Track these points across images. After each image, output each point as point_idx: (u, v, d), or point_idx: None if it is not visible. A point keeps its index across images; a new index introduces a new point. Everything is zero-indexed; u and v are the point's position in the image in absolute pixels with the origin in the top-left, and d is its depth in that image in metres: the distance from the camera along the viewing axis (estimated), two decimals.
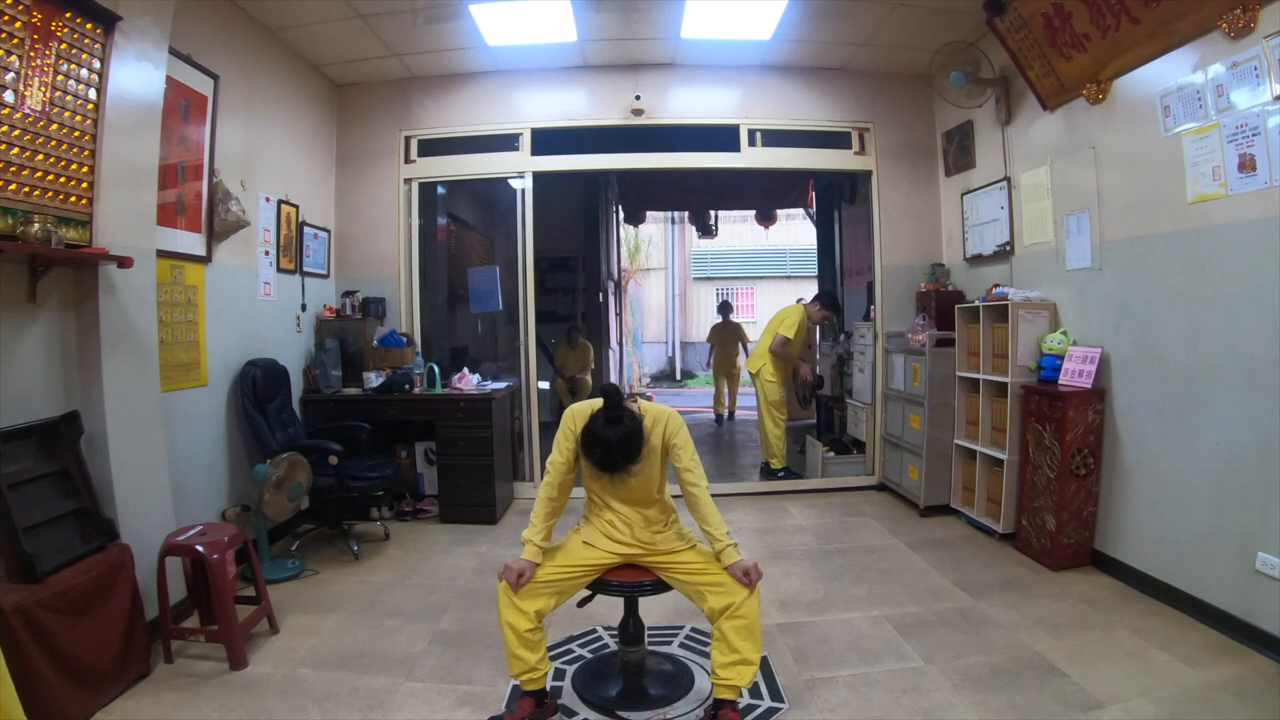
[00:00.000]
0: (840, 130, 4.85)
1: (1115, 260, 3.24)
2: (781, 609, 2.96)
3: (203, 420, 3.33)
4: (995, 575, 3.28)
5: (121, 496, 2.51)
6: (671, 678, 2.38)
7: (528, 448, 4.85)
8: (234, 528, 2.72)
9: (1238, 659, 2.43)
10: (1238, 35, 2.51)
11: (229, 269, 3.52)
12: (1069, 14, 3.21)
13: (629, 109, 4.65)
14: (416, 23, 4.03)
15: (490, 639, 2.64)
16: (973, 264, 4.48)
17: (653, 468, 2.14)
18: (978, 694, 2.26)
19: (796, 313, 5.11)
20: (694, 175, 5.59)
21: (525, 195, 4.76)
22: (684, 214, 11.91)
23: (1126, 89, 3.12)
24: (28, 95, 2.22)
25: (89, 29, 2.43)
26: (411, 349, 4.59)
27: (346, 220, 4.79)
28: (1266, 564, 2.44)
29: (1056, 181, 3.65)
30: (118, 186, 2.56)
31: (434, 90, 4.78)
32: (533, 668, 2.04)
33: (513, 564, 2.06)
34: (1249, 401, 2.54)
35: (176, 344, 3.10)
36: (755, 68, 4.75)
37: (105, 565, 2.28)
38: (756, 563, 2.06)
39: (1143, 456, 3.09)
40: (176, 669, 2.48)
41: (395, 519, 4.34)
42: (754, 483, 5.15)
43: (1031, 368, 3.63)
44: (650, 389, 13.64)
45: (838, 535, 3.98)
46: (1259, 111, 2.44)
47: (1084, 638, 2.62)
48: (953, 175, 4.69)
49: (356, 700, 2.28)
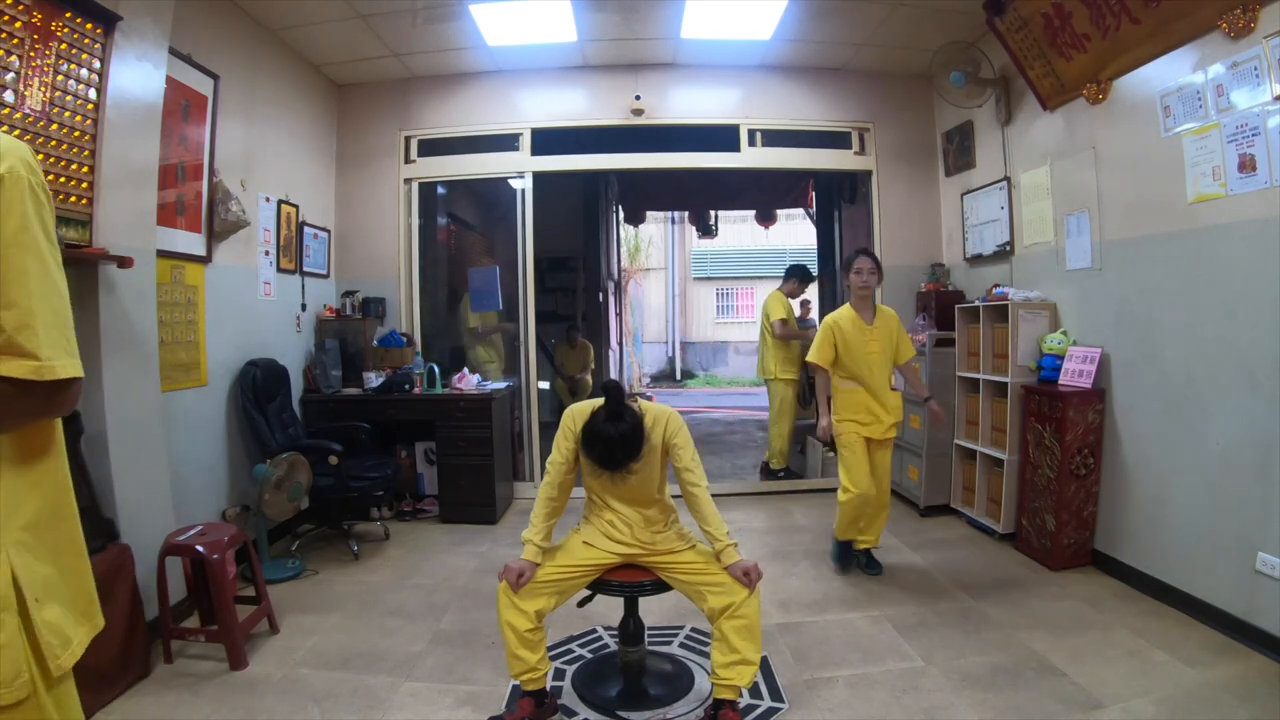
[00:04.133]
0: (840, 130, 4.85)
1: (1115, 260, 3.24)
2: (781, 609, 2.96)
3: (203, 420, 3.33)
4: (995, 575, 3.28)
5: (121, 496, 2.52)
6: (671, 678, 2.38)
7: (528, 448, 4.85)
8: (234, 528, 2.72)
9: (1238, 659, 2.43)
10: (1238, 35, 2.51)
11: (229, 269, 3.52)
12: (1069, 14, 3.21)
13: (629, 109, 4.65)
14: (416, 23, 4.03)
15: (490, 639, 2.64)
16: (973, 264, 4.48)
17: (653, 467, 2.14)
18: (978, 694, 2.26)
19: (776, 297, 5.19)
20: (694, 175, 5.58)
21: (525, 195, 4.76)
22: (684, 214, 11.91)
23: (1126, 89, 3.12)
24: (28, 95, 2.22)
25: (89, 29, 2.43)
26: (411, 349, 4.59)
27: (346, 220, 4.79)
28: (1266, 564, 2.44)
29: (1056, 181, 3.65)
30: (118, 186, 2.56)
31: (434, 90, 4.78)
32: (533, 668, 2.04)
33: (513, 564, 2.06)
34: (1249, 401, 2.54)
35: (176, 344, 3.10)
36: (755, 68, 4.75)
37: (105, 565, 2.28)
38: (756, 563, 2.06)
39: (1143, 456, 3.09)
40: (176, 669, 2.48)
41: (395, 519, 4.34)
42: (754, 483, 5.16)
43: (1031, 368, 3.63)
44: (650, 389, 13.64)
45: None
46: (1259, 111, 2.45)
47: (1084, 638, 2.62)
48: (953, 175, 4.69)
49: (356, 700, 2.28)
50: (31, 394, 0.89)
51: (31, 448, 0.96)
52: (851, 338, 3.23)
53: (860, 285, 3.27)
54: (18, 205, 0.87)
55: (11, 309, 0.86)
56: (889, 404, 3.26)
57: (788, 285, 5.26)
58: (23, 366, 0.87)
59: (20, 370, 0.87)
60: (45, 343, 0.89)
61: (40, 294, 0.89)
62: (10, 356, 0.87)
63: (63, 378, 0.91)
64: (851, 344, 3.22)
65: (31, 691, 0.92)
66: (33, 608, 0.93)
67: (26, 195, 0.89)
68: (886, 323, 3.31)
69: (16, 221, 0.87)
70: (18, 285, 0.87)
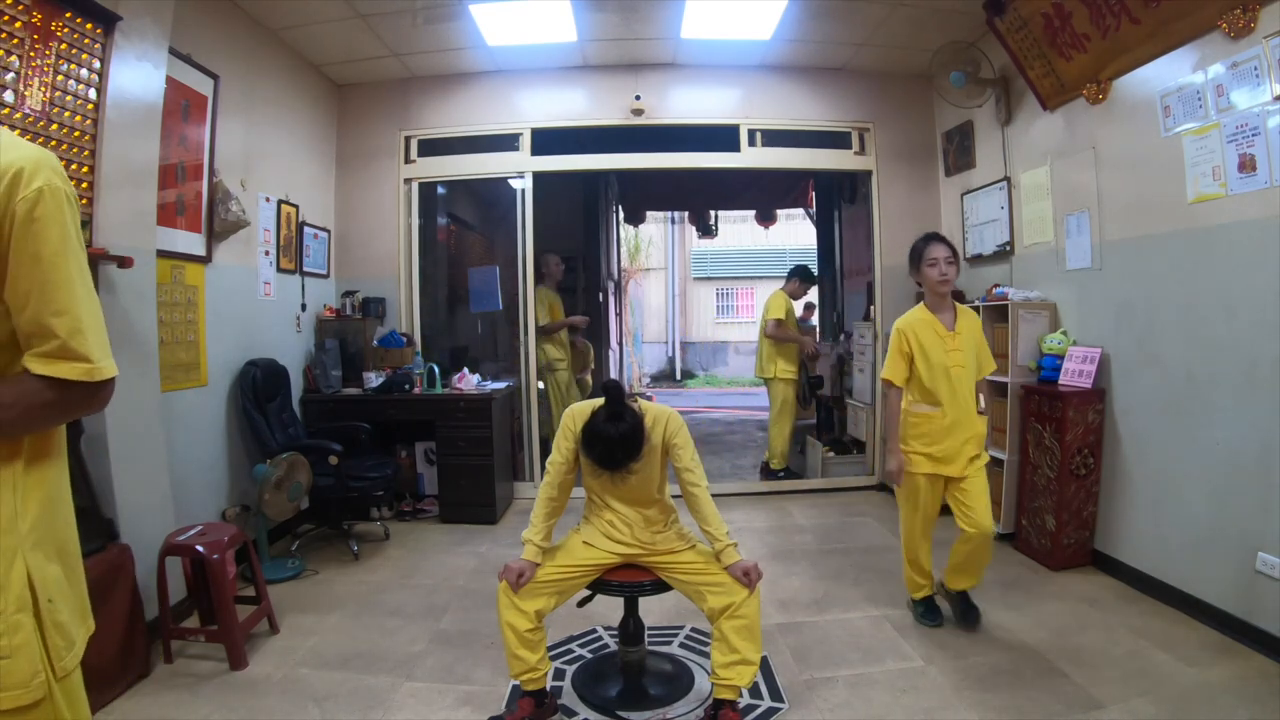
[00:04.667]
0: (840, 130, 4.85)
1: (1115, 260, 3.24)
2: (781, 609, 2.96)
3: (203, 420, 3.33)
4: (995, 575, 3.27)
5: (121, 496, 2.51)
6: (671, 678, 2.38)
7: (528, 448, 4.85)
8: (234, 528, 2.72)
9: (1238, 659, 2.42)
10: (1238, 35, 2.51)
11: (229, 269, 3.52)
12: (1069, 14, 3.21)
13: (629, 109, 4.65)
14: (416, 23, 4.03)
15: (490, 639, 2.64)
16: (973, 264, 4.48)
17: (653, 467, 2.14)
18: (978, 694, 2.26)
19: (776, 296, 5.18)
20: (694, 175, 5.58)
21: (525, 195, 4.76)
22: (684, 214, 11.90)
23: (1126, 89, 3.12)
24: (28, 95, 2.22)
25: (89, 29, 2.43)
26: (411, 349, 4.59)
27: (346, 220, 4.79)
28: (1266, 564, 2.44)
29: (1056, 181, 3.65)
30: (118, 186, 2.56)
31: (434, 90, 4.78)
32: (533, 668, 2.04)
33: (513, 564, 2.06)
34: (1249, 401, 2.54)
35: (176, 344, 3.10)
36: (755, 68, 4.75)
37: (105, 565, 2.28)
38: (756, 563, 2.06)
39: (1143, 456, 3.09)
40: (176, 669, 2.48)
41: (395, 519, 4.34)
42: (754, 482, 5.16)
43: (1031, 368, 3.63)
44: (650, 389, 13.64)
45: (838, 535, 3.98)
46: (1259, 111, 2.44)
47: (1084, 638, 2.62)
48: (953, 175, 4.69)
49: (356, 700, 2.28)
50: (79, 393, 0.95)
51: (41, 448, 0.99)
52: (930, 348, 2.60)
53: (939, 279, 2.58)
54: (57, 216, 0.93)
55: (63, 315, 0.93)
56: (974, 433, 2.61)
57: (790, 285, 5.25)
58: (76, 369, 0.94)
59: (74, 373, 0.93)
60: (94, 345, 0.95)
61: (84, 299, 0.96)
62: (65, 360, 0.93)
63: (108, 377, 0.98)
64: (930, 356, 2.59)
65: (47, 692, 0.94)
66: (45, 609, 0.95)
67: (65, 205, 0.94)
68: (971, 328, 2.66)
69: (59, 232, 0.93)
70: (67, 292, 0.93)
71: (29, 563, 0.93)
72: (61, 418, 1.00)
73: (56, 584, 0.98)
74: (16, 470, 0.94)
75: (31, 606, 0.93)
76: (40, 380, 0.92)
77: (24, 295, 0.91)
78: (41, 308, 0.91)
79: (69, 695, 1.00)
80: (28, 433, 0.95)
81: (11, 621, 0.90)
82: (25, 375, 0.93)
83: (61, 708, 0.97)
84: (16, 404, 0.91)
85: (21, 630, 0.91)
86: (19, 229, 0.89)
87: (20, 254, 0.90)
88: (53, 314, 0.92)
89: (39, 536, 0.96)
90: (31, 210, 0.90)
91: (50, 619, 0.95)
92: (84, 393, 0.96)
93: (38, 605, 0.94)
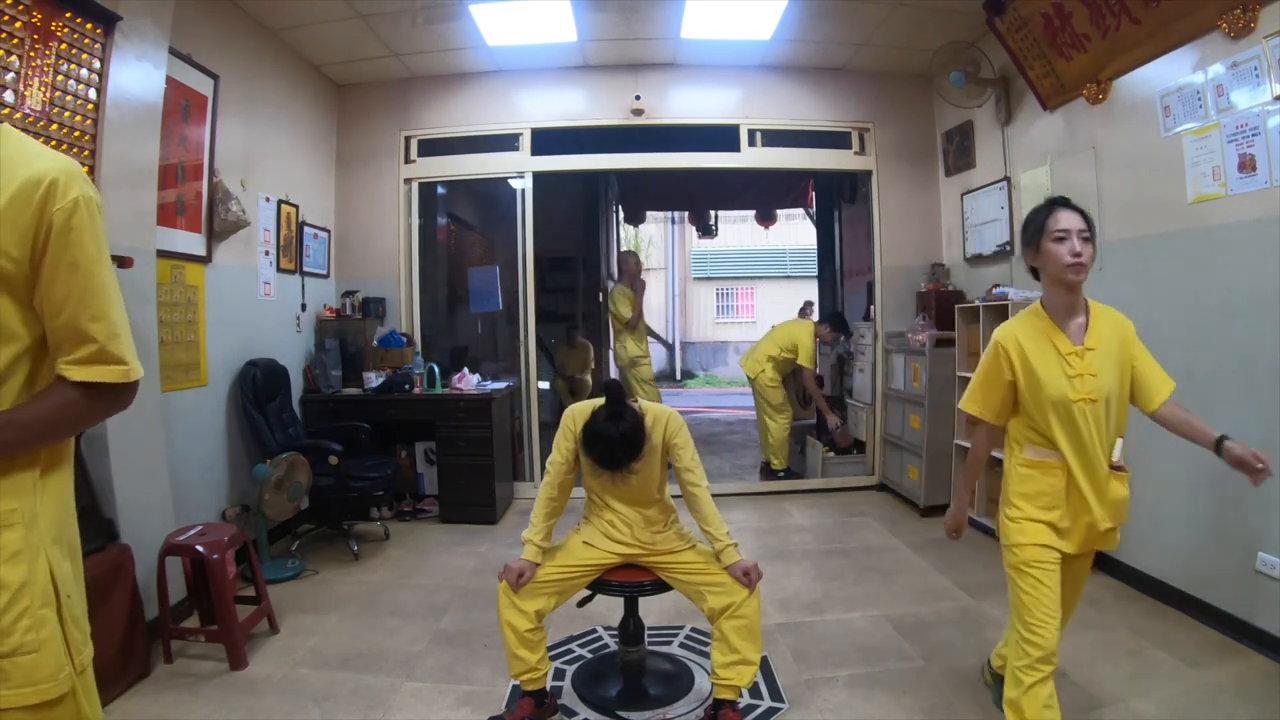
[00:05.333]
0: (840, 130, 4.85)
1: (1115, 260, 3.24)
2: (781, 609, 2.95)
3: (203, 420, 3.33)
4: (995, 575, 3.25)
5: (121, 496, 2.51)
6: (671, 678, 2.38)
7: (528, 448, 4.84)
8: (234, 528, 2.72)
9: (1238, 659, 2.43)
10: (1238, 35, 2.51)
11: (229, 269, 3.52)
12: (1069, 14, 3.20)
13: (629, 109, 4.65)
14: (416, 23, 4.03)
15: (490, 639, 2.64)
16: (973, 264, 4.48)
17: (653, 467, 2.14)
18: (978, 694, 2.26)
19: (808, 334, 5.08)
20: (694, 175, 5.58)
21: (525, 195, 4.76)
22: (684, 214, 11.90)
23: (1126, 89, 3.12)
24: (28, 95, 2.22)
25: (89, 29, 2.43)
26: (411, 349, 4.59)
27: (346, 220, 4.78)
28: (1266, 564, 2.44)
29: (1056, 182, 3.65)
30: (118, 186, 2.55)
31: (434, 90, 4.78)
32: (533, 668, 2.04)
33: (513, 564, 2.06)
34: (1249, 401, 2.54)
35: (176, 344, 3.10)
36: (755, 68, 4.74)
37: (105, 565, 2.27)
38: (756, 563, 2.06)
39: (1142, 456, 3.08)
40: (176, 669, 2.48)
41: (395, 519, 4.34)
42: (754, 482, 5.16)
43: None
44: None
45: (838, 535, 3.98)
46: (1259, 111, 2.44)
47: (1084, 638, 2.61)
48: (953, 175, 4.69)
49: (356, 700, 2.28)
50: (111, 395, 1.00)
51: (59, 451, 1.03)
52: (1043, 369, 1.79)
53: (1070, 262, 1.72)
54: (91, 226, 0.96)
55: (101, 320, 0.97)
56: (1109, 493, 1.80)
57: (823, 328, 5.16)
58: (114, 372, 0.98)
59: (113, 375, 0.98)
60: (126, 348, 1.00)
61: (116, 304, 1.00)
62: (103, 364, 0.97)
63: (138, 378, 1.02)
64: (1043, 379, 1.79)
65: (72, 686, 0.98)
66: (64, 604, 0.98)
67: (97, 215, 0.98)
68: (1112, 337, 1.82)
69: (94, 240, 0.97)
70: (103, 299, 0.98)
71: (50, 557, 0.96)
72: (93, 421, 1.03)
73: (72, 580, 1.01)
74: (37, 473, 0.97)
75: (54, 602, 0.96)
76: (76, 389, 0.96)
77: (60, 301, 0.94)
78: (79, 313, 0.95)
79: (86, 689, 1.02)
80: (50, 445, 0.99)
81: (38, 616, 0.93)
82: (56, 388, 0.96)
83: (83, 702, 1.00)
84: (34, 423, 0.94)
85: (48, 624, 0.94)
86: (56, 238, 0.92)
87: (57, 261, 0.93)
88: (90, 319, 0.95)
89: (56, 535, 0.99)
90: (69, 220, 0.93)
91: (69, 613, 0.98)
92: (115, 395, 1.00)
93: (59, 600, 0.97)
